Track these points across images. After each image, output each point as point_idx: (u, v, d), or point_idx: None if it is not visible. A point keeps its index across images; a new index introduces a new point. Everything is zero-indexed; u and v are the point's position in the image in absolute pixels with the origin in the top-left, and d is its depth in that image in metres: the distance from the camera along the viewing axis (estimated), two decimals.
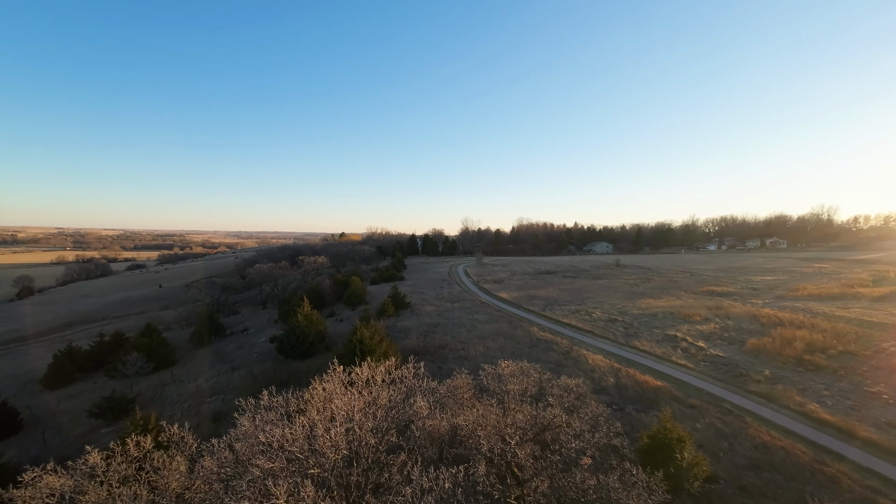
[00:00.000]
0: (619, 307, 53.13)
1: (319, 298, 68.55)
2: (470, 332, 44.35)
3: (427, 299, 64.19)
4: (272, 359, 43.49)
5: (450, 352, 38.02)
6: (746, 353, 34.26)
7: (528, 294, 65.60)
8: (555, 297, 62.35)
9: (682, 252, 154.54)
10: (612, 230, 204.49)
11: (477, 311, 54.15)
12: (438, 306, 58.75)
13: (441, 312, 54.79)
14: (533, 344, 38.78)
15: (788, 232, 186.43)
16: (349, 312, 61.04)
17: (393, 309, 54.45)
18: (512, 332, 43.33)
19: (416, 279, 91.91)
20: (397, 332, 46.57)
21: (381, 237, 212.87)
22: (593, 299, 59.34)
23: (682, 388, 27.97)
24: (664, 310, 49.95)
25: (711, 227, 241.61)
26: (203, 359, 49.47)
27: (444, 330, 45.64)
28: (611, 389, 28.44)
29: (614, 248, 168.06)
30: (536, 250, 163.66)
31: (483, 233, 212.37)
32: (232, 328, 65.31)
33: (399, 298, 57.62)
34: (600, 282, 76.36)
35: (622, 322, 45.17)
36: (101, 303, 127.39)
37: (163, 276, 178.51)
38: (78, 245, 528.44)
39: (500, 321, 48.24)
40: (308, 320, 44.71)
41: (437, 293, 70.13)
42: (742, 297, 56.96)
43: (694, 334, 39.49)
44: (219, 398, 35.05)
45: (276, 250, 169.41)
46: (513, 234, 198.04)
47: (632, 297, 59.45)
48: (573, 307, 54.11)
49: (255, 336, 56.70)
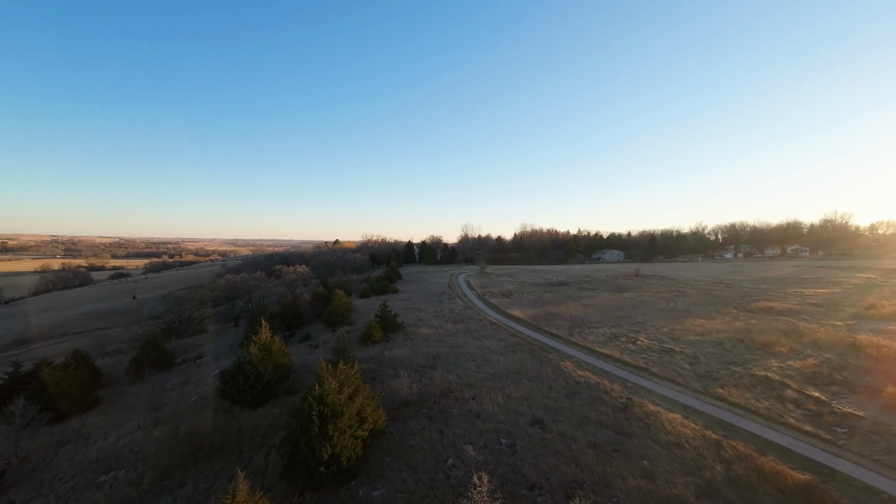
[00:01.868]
0: (666, 330, 42.19)
1: (295, 317, 57.39)
2: (480, 367, 33.27)
3: (424, 318, 53.08)
4: (214, 405, 32.23)
5: (455, 402, 26.91)
6: (891, 409, 23.31)
7: (545, 312, 54.57)
8: (579, 315, 51.35)
9: (699, 260, 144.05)
10: (621, 237, 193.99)
11: (487, 336, 43.09)
12: (438, 328, 47.66)
13: (441, 337, 43.70)
14: (572, 391, 27.72)
15: (806, 239, 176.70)
16: (328, 335, 49.84)
17: (380, 333, 43.33)
18: (538, 369, 32.26)
19: (411, 292, 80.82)
20: (384, 366, 35.46)
21: (377, 245, 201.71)
22: (629, 319, 48.38)
23: (846, 488, 16.95)
24: (728, 335, 39.03)
25: (720, 234, 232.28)
26: (132, 400, 38.17)
27: (445, 364, 34.55)
28: (722, 486, 17.36)
29: (626, 256, 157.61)
30: (542, 258, 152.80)
31: (484, 240, 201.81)
32: (185, 354, 54.04)
33: (389, 319, 46.52)
34: (626, 295, 65.47)
35: (682, 354, 34.15)
36: (64, 317, 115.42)
37: (141, 287, 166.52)
38: (69, 253, 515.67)
39: (518, 351, 37.19)
40: (265, 352, 33.62)
41: (435, 310, 59.05)
42: (811, 317, 46.10)
43: (794, 376, 28.50)
44: (113, 478, 23.72)
45: (263, 259, 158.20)
46: (515, 241, 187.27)
47: (675, 317, 48.52)
48: (608, 330, 43.13)
49: (206, 367, 45.41)
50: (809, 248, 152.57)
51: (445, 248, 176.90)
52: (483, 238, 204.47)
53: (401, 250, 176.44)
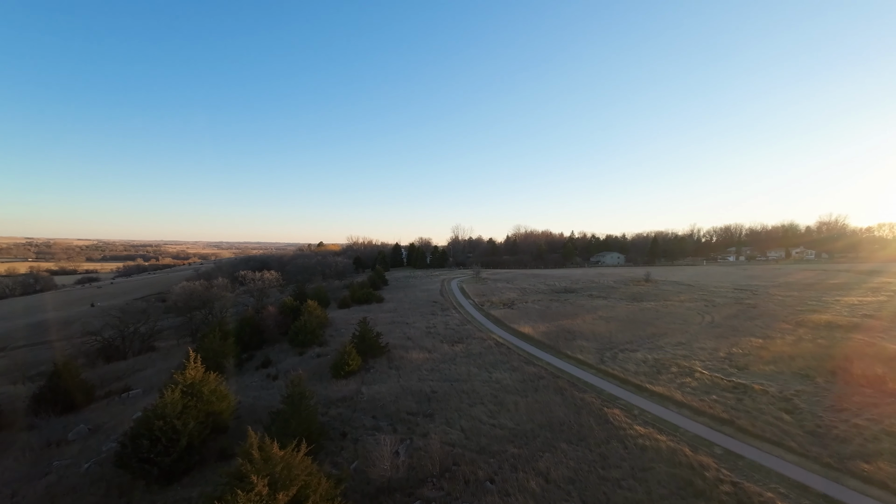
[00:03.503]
0: (722, 355, 33.37)
1: (255, 335, 47.25)
2: (494, 416, 23.89)
3: (414, 337, 43.48)
4: (117, 479, 22.17)
5: (463, 489, 17.44)
6: None
7: (559, 328, 45.44)
8: (603, 333, 42.33)
9: (703, 263, 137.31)
10: (619, 239, 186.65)
11: (495, 364, 33.70)
12: (431, 351, 38.11)
13: (436, 365, 34.17)
14: (638, 465, 18.48)
15: (803, 240, 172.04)
16: (294, 360, 39.90)
17: (358, 360, 33.58)
18: (575, 420, 23.00)
19: (399, 301, 71.06)
20: (360, 412, 25.87)
21: (363, 247, 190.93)
22: (666, 338, 39.50)
23: None
24: (807, 362, 30.33)
25: (714, 236, 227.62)
26: (13, 460, 27.74)
27: (445, 409, 25.10)
28: None
29: (626, 259, 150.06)
30: (539, 262, 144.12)
31: (475, 242, 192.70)
32: (116, 382, 43.48)
33: (370, 340, 36.79)
34: (647, 306, 56.83)
35: (767, 395, 25.21)
36: (7, 328, 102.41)
37: (104, 293, 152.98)
38: (41, 256, 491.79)
39: (541, 388, 27.89)
40: (193, 395, 23.82)
41: (427, 325, 49.49)
42: (887, 334, 37.91)
43: None
44: None
45: (239, 262, 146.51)
46: (509, 243, 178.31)
47: (722, 335, 39.80)
48: (647, 355, 34.12)
49: (134, 404, 35.08)
50: (814, 251, 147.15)
51: (435, 251, 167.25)
52: (475, 240, 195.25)
53: (387, 253, 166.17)
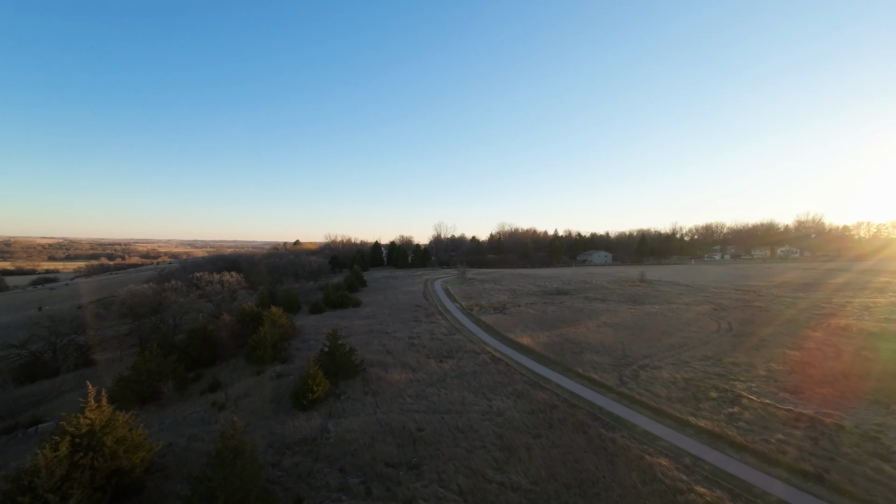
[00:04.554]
0: (762, 373, 28.21)
1: (206, 349, 39.91)
2: (501, 472, 17.81)
3: (395, 350, 37.02)
4: None
5: None
6: None
7: (561, 336, 39.77)
8: (612, 343, 36.82)
9: (692, 263, 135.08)
10: (605, 238, 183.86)
11: (495, 387, 27.64)
12: (416, 370, 31.80)
13: (422, 390, 27.86)
14: None
15: (787, 239, 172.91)
16: (250, 381, 32.90)
17: (325, 384, 26.98)
18: (612, 477, 17.14)
19: (378, 304, 64.36)
20: (323, 462, 19.40)
21: (341, 246, 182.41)
22: (687, 349, 34.26)
23: None
24: (873, 383, 25.46)
25: (696, 235, 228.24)
26: None
27: (435, 460, 18.89)
28: None
29: (613, 258, 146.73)
30: (525, 261, 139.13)
31: (458, 241, 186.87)
32: (29, 410, 35.53)
33: (341, 358, 30.15)
34: (650, 309, 51.91)
35: (849, 433, 19.96)
36: None
37: (56, 295, 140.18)
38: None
39: (557, 424, 21.96)
40: (90, 449, 17.02)
41: (410, 334, 43.14)
42: None
43: None
44: None
45: (205, 262, 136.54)
46: (493, 242, 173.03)
47: (752, 346, 34.82)
48: (675, 373, 28.69)
49: (38, 440, 27.48)
50: (799, 250, 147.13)
51: (417, 250, 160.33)
52: (458, 238, 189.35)
53: (367, 252, 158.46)
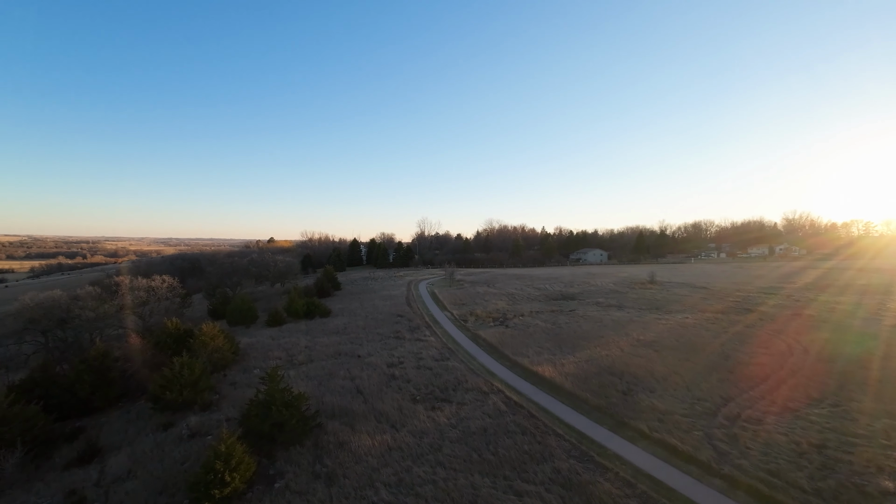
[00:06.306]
0: None
1: (100, 387, 28.33)
2: None
3: (367, 389, 26.29)
4: None
5: None
6: None
7: (591, 363, 29.76)
8: (665, 374, 27.06)
9: (691, 261, 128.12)
10: (598, 235, 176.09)
11: (522, 465, 17.27)
12: (397, 426, 21.20)
13: (407, 468, 17.26)
14: None
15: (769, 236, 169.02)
16: (146, 442, 21.69)
17: (248, 466, 16.14)
18: None
19: (351, 313, 53.34)
20: None
21: (318, 244, 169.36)
22: (784, 388, 24.76)
23: None
24: None
25: (685, 232, 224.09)
26: None
27: None
28: None
29: (609, 257, 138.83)
30: (516, 260, 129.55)
31: (444, 238, 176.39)
32: None
33: (282, 412, 19.38)
34: (684, 320, 42.71)
35: None
36: None
37: None
38: None
39: None
40: None
41: (390, 359, 32.47)
42: None
43: None
44: None
45: (161, 262, 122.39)
46: (481, 239, 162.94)
47: (866, 381, 25.68)
48: (792, 435, 18.95)
49: None
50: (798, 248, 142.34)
51: (399, 248, 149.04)
52: (443, 236, 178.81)
53: (344, 250, 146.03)
